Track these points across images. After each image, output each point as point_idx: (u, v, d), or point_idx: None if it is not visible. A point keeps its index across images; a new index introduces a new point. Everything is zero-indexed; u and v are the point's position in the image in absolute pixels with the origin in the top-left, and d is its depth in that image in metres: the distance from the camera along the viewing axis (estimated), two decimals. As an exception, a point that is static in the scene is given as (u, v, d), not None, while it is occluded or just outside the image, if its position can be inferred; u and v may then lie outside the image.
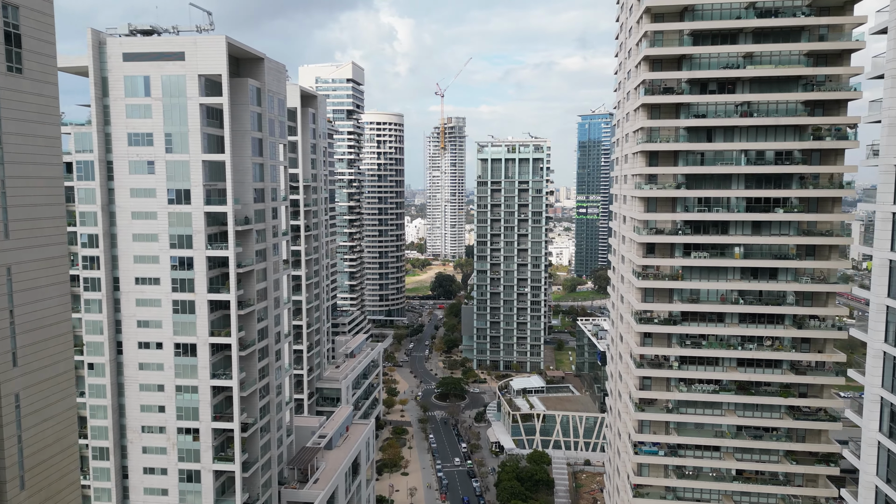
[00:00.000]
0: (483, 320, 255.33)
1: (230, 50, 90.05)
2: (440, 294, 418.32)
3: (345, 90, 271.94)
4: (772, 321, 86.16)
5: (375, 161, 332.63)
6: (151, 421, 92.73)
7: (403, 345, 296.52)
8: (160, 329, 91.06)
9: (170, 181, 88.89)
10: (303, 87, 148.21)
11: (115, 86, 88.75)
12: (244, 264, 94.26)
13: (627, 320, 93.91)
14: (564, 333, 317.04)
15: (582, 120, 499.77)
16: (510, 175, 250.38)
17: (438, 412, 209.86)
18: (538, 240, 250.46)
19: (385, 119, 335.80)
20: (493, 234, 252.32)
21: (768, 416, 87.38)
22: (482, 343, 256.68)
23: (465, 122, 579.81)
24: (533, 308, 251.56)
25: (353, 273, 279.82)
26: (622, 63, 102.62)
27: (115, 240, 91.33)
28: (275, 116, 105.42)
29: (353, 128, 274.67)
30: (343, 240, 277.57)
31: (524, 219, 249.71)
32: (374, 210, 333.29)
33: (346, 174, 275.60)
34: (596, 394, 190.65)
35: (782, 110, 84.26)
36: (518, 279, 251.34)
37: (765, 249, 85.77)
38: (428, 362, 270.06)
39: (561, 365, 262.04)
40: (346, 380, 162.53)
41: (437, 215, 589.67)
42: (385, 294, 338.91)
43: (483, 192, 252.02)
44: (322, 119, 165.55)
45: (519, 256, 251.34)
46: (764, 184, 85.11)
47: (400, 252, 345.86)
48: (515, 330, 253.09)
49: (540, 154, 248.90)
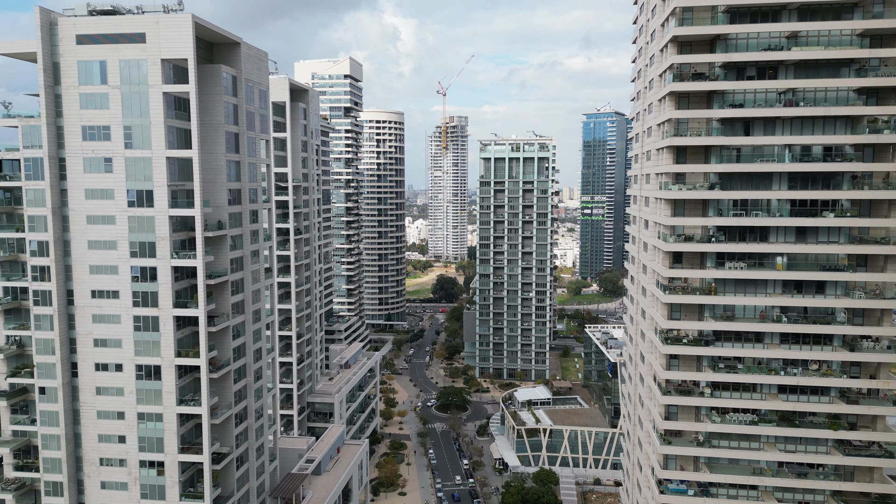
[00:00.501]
0: (486, 326, 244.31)
1: (199, 32, 79.22)
2: (441, 297, 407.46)
3: (342, 87, 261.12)
4: (818, 342, 74.97)
5: (375, 160, 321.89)
6: (111, 452, 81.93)
7: (403, 351, 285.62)
8: (120, 349, 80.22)
9: (130, 181, 78.05)
10: (293, 81, 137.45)
11: (67, 72, 77.95)
12: (217, 274, 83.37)
13: (651, 339, 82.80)
14: (570, 339, 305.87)
15: (587, 119, 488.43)
16: (514, 175, 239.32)
17: (439, 424, 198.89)
18: (543, 242, 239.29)
19: (385, 117, 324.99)
20: (497, 237, 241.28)
21: (813, 450, 76.23)
22: (485, 350, 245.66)
23: (467, 122, 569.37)
24: (538, 314, 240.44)
25: (350, 277, 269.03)
26: (642, 49, 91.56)
27: (69, 247, 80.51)
28: (255, 109, 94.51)
29: (350, 126, 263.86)
30: (340, 242, 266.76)
31: (529, 220, 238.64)
32: (373, 211, 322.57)
33: (344, 174, 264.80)
34: (606, 406, 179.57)
35: (832, 99, 73.07)
36: (522, 283, 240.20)
37: (810, 259, 74.58)
38: (428, 370, 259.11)
39: (567, 373, 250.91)
40: (340, 393, 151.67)
41: (439, 216, 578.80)
42: (385, 298, 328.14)
43: (486, 192, 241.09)
44: (314, 115, 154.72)
45: (523, 260, 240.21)
46: (810, 184, 73.89)
47: (400, 254, 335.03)
48: (520, 337, 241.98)
49: (545, 153, 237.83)
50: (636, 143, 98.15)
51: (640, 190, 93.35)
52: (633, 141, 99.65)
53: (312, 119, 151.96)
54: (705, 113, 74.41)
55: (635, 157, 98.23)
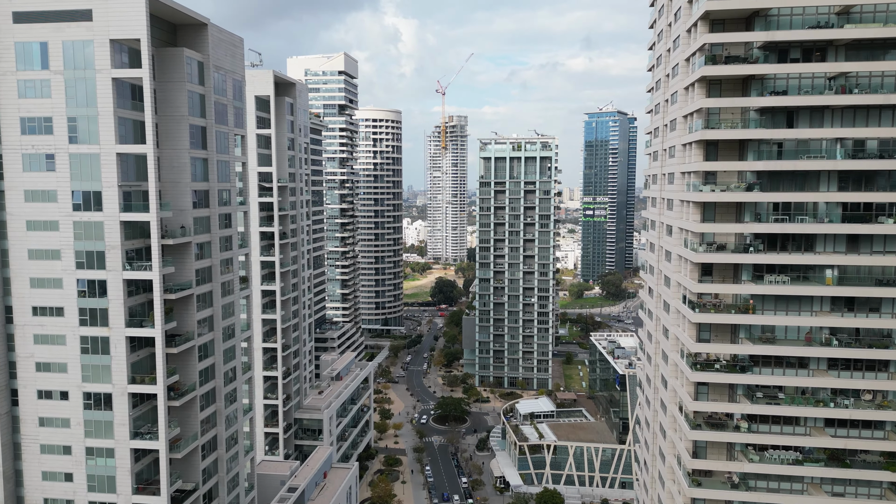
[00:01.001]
0: (486, 333, 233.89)
1: (156, 8, 68.81)
2: (440, 300, 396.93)
3: (336, 83, 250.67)
4: (872, 368, 64.58)
5: (371, 160, 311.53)
6: (56, 492, 71.57)
7: (400, 358, 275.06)
8: (65, 374, 69.82)
9: (75, 181, 67.65)
10: (278, 73, 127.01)
11: (3, 55, 67.58)
12: (179, 287, 72.95)
13: (675, 362, 72.39)
14: (573, 345, 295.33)
15: (589, 118, 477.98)
16: (515, 175, 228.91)
17: (436, 437, 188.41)
18: (546, 245, 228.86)
19: (381, 116, 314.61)
20: (497, 240, 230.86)
21: (865, 493, 65.85)
22: (485, 358, 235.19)
23: (466, 121, 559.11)
24: (540, 320, 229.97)
25: (345, 281, 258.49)
26: (662, 32, 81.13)
27: (6, 257, 70.13)
28: (227, 100, 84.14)
29: (345, 124, 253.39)
30: (335, 245, 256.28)
31: (531, 222, 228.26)
32: (369, 213, 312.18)
33: (338, 174, 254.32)
34: (613, 420, 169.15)
35: (890, 85, 62.68)
36: (524, 288, 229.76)
37: (864, 273, 64.17)
38: (426, 378, 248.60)
39: (570, 381, 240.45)
40: (330, 408, 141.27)
41: (438, 217, 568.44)
42: (381, 302, 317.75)
43: (486, 193, 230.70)
44: (303, 111, 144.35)
45: (525, 263, 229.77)
46: (864, 184, 63.46)
47: (397, 257, 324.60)
48: (521, 344, 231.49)
49: (548, 152, 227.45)
50: (655, 138, 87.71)
51: (660, 191, 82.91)
52: (652, 136, 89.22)
53: (301, 115, 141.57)
54: (742, 101, 63.94)
55: (654, 155, 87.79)
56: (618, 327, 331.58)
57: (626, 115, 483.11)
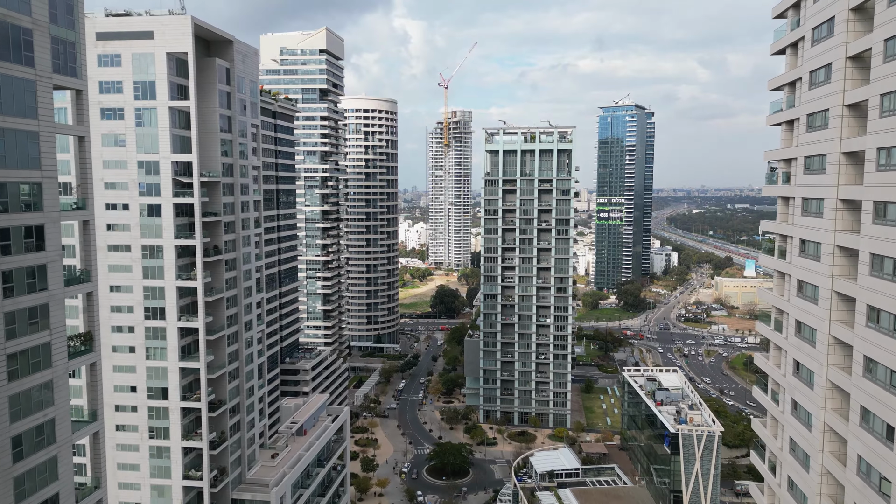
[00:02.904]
0: (492, 359, 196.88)
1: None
2: (441, 311, 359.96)
3: (317, 64, 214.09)
4: None
5: (362, 156, 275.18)
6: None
7: (393, 383, 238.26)
8: None
9: None
10: (201, 22, 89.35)
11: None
12: None
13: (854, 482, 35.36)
14: (591, 367, 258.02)
15: (603, 113, 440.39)
16: (528, 171, 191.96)
17: (431, 498, 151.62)
18: (564, 256, 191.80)
19: (374, 106, 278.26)
20: (506, 248, 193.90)
21: None
22: (491, 389, 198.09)
23: (471, 117, 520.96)
24: (557, 345, 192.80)
25: (328, 296, 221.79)
26: None
27: None
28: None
29: (327, 112, 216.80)
30: (315, 254, 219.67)
31: (546, 228, 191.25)
32: (360, 215, 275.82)
33: (320, 171, 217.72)
34: (657, 485, 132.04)
35: None
36: (538, 307, 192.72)
37: None
38: (422, 410, 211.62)
39: (592, 416, 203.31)
40: (283, 483, 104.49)
41: (440, 219, 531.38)
42: (373, 317, 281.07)
43: (492, 193, 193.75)
44: (250, 82, 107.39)
45: (539, 277, 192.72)
46: None
47: (392, 265, 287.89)
48: (534, 373, 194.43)
49: (566, 144, 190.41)
50: (791, 97, 50.56)
51: (797, 187, 45.84)
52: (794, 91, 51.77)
53: (245, 87, 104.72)
54: None
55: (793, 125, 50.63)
56: (639, 344, 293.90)
57: (644, 108, 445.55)
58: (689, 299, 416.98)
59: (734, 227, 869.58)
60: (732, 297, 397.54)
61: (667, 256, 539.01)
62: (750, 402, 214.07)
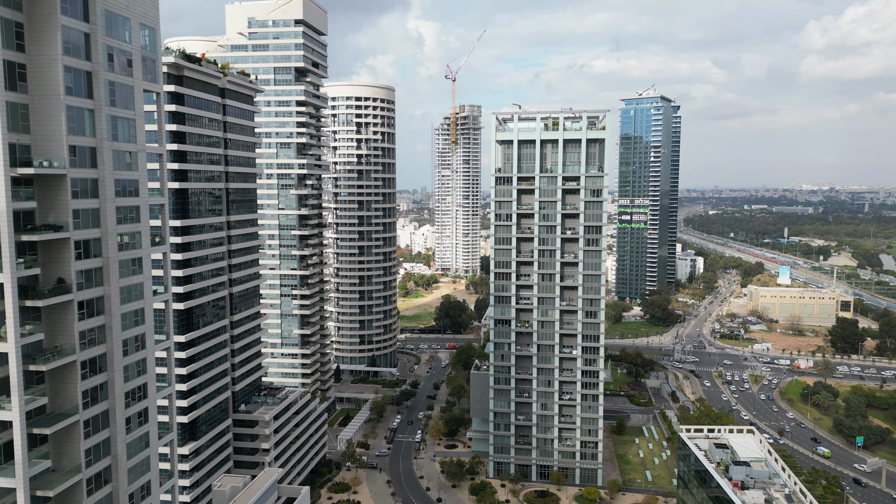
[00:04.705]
0: (504, 399, 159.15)
1: None
2: (446, 325, 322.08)
3: (292, 38, 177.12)
4: None
5: (354, 151, 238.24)
6: None
7: (386, 418, 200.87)
8: None
9: None
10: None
11: None
12: None
13: None
14: (620, 397, 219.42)
15: (626, 105, 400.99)
16: (549, 167, 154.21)
17: None
18: (594, 272, 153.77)
19: (367, 93, 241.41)
20: (522, 262, 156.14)
21: None
22: (504, 437, 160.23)
23: (480, 112, 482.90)
24: (586, 383, 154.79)
25: (306, 318, 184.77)
26: None
27: None
28: None
29: (305, 96, 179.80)
30: (291, 266, 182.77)
31: (571, 237, 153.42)
32: (351, 219, 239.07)
33: (296, 167, 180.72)
34: None
35: None
36: (562, 335, 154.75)
37: None
38: (419, 457, 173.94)
39: (627, 467, 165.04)
40: None
41: (447, 222, 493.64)
42: (367, 336, 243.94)
43: (505, 193, 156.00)
44: (134, 24, 70.49)
45: (563, 298, 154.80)
46: None
47: (389, 276, 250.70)
48: (557, 417, 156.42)
49: (597, 132, 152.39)
50: None
51: None
52: None
53: (127, 31, 67.61)
54: None
55: None
56: (676, 369, 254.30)
57: (670, 101, 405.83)
58: (720, 311, 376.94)
59: (755, 229, 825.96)
60: (770, 308, 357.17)
61: (691, 262, 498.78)
62: (818, 451, 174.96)
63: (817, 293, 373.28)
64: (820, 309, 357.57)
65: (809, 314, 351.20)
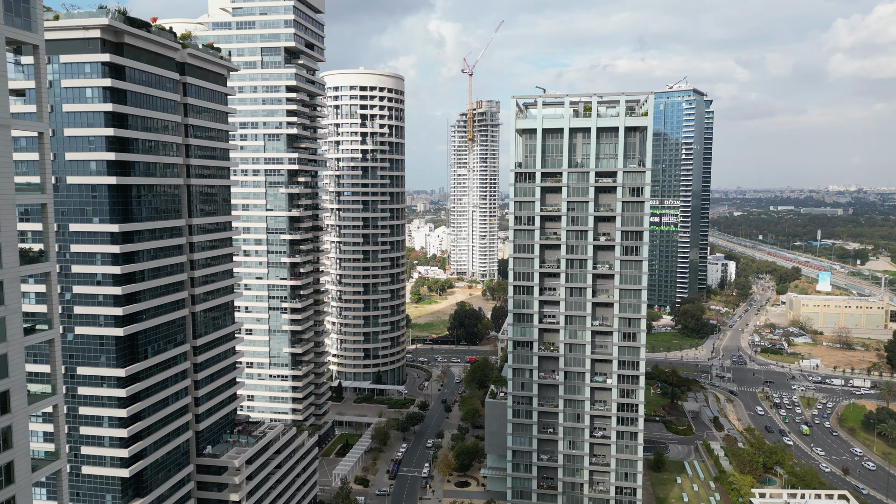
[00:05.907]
0: (525, 435, 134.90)
1: None
2: (461, 336, 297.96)
3: (281, 13, 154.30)
4: None
5: (359, 146, 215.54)
6: None
7: (391, 447, 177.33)
8: None
9: None
10: None
11: None
12: None
13: None
14: (656, 423, 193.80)
15: (656, 99, 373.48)
16: (579, 160, 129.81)
17: None
18: (634, 286, 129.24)
19: (373, 82, 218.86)
20: (546, 274, 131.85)
21: None
22: (523, 478, 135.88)
23: (498, 107, 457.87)
24: (623, 419, 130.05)
25: (297, 334, 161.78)
26: None
27: None
28: None
29: (297, 81, 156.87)
30: (280, 276, 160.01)
31: (606, 245, 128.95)
32: (355, 221, 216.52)
33: (286, 161, 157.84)
34: None
35: None
36: (594, 361, 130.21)
37: None
38: (425, 497, 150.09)
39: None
40: None
41: (463, 223, 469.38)
42: (373, 350, 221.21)
43: (526, 192, 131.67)
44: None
45: (596, 317, 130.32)
46: None
47: (397, 283, 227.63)
48: (587, 458, 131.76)
49: (638, 119, 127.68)
50: None
51: None
52: None
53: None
54: None
55: None
56: (715, 389, 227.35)
57: (703, 95, 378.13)
58: (757, 320, 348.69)
59: (784, 231, 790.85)
60: (813, 318, 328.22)
61: (723, 266, 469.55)
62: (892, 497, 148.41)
63: (864, 302, 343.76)
64: (867, 319, 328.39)
65: (856, 325, 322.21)
